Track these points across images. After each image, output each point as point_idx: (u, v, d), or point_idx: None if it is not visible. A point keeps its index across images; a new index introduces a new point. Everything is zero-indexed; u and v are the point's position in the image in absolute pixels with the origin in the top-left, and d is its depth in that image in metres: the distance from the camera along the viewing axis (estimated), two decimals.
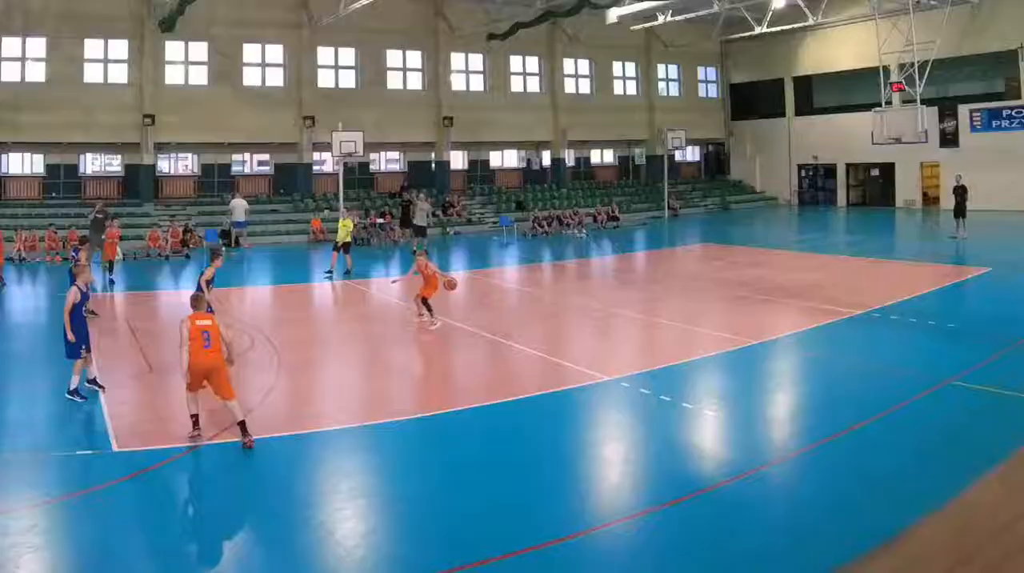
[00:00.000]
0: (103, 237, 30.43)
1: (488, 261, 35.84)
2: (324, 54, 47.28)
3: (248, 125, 44.73)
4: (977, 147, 47.46)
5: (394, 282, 27.03)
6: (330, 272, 29.97)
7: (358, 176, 49.22)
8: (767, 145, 60.31)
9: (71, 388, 14.29)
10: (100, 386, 14.92)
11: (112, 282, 29.04)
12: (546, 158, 54.85)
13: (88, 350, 14.72)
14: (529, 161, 55.53)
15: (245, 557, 9.12)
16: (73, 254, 22.70)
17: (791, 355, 18.19)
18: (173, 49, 44.12)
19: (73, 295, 14.52)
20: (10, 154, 43.20)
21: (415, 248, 33.57)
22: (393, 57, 49.29)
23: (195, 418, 12.43)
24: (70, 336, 14.23)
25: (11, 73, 41.10)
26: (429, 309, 20.73)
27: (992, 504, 10.11)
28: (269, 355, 17.23)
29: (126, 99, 42.58)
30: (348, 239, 30.55)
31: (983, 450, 11.55)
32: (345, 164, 42.74)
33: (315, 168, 47.87)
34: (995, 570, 8.57)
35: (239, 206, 40.88)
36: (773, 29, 49.58)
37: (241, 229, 40.83)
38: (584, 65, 55.70)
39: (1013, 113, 47.06)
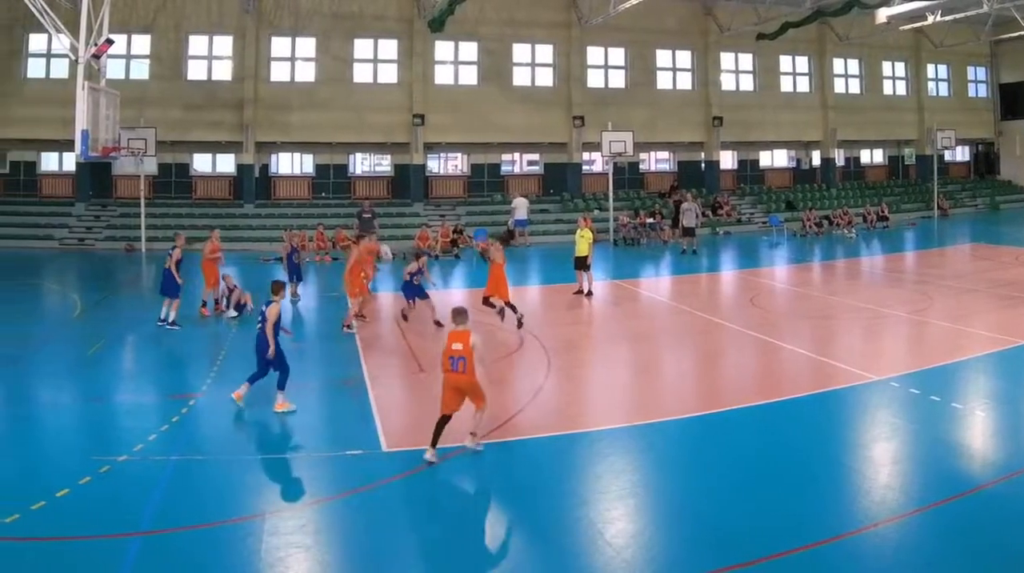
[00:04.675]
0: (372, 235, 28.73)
1: (757, 261, 33.68)
2: (593, 54, 44.62)
3: (517, 125, 42.38)
4: None
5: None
6: (588, 293, 24.33)
7: (627, 176, 46.38)
8: None
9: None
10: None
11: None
12: (816, 158, 51.11)
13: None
14: (799, 161, 51.89)
15: (515, 556, 8.78)
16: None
17: None
18: (442, 49, 42.20)
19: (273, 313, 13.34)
20: (279, 154, 42.19)
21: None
22: (663, 57, 46.16)
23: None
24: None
25: (281, 73, 40.20)
26: (513, 308, 19.54)
27: None
28: (539, 356, 16.39)
29: (396, 99, 40.90)
30: (586, 253, 24.11)
31: None
32: (614, 164, 40.23)
33: (584, 168, 45.34)
34: None
35: (522, 204, 38.95)
36: None
37: (523, 227, 38.76)
38: (853, 65, 50.98)
39: None
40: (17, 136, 37.96)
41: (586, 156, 44.74)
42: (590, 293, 23.70)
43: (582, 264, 23.87)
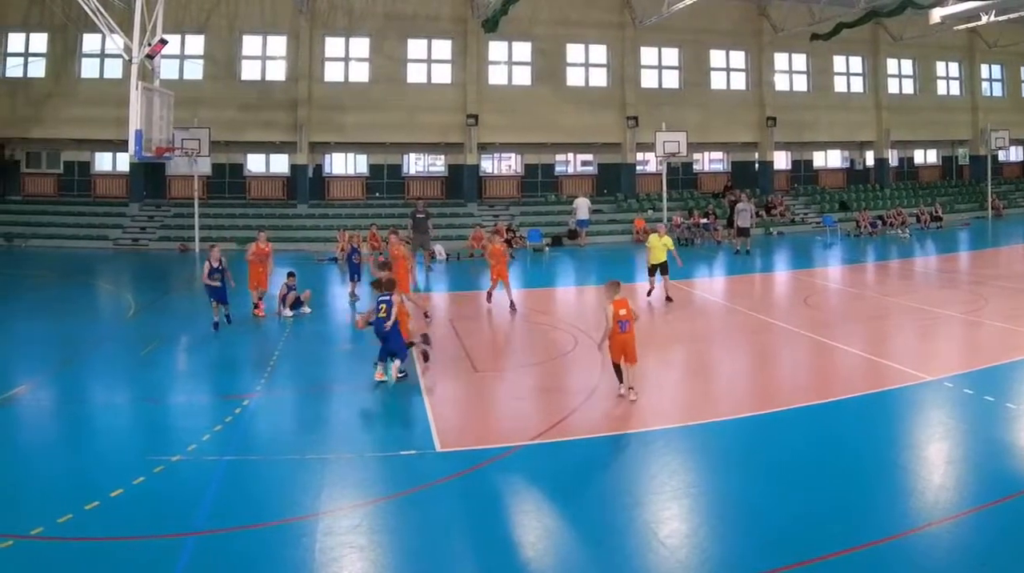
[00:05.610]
0: (426, 236, 29.70)
1: (811, 261, 32.52)
2: (647, 54, 43.07)
3: (571, 125, 40.95)
4: None
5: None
6: (668, 298, 22.23)
7: (681, 176, 44.86)
8: None
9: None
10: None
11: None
12: (869, 158, 49.24)
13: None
14: (852, 161, 50.01)
15: (568, 556, 8.32)
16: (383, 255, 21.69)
17: None
18: (496, 49, 40.95)
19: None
20: (333, 154, 41.22)
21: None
22: (716, 57, 44.43)
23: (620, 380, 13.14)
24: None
25: (334, 73, 39.29)
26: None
27: None
28: (593, 355, 15.13)
29: (450, 99, 39.74)
30: (663, 260, 22.11)
31: None
32: (668, 164, 38.84)
33: (638, 168, 43.79)
34: None
35: (583, 204, 37.82)
36: None
37: (584, 227, 37.50)
38: (907, 65, 48.92)
39: None
40: (71, 136, 37.38)
41: (640, 156, 43.28)
42: (669, 298, 22.09)
43: (659, 269, 22.19)
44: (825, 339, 17.75)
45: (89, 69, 37.62)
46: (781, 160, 47.29)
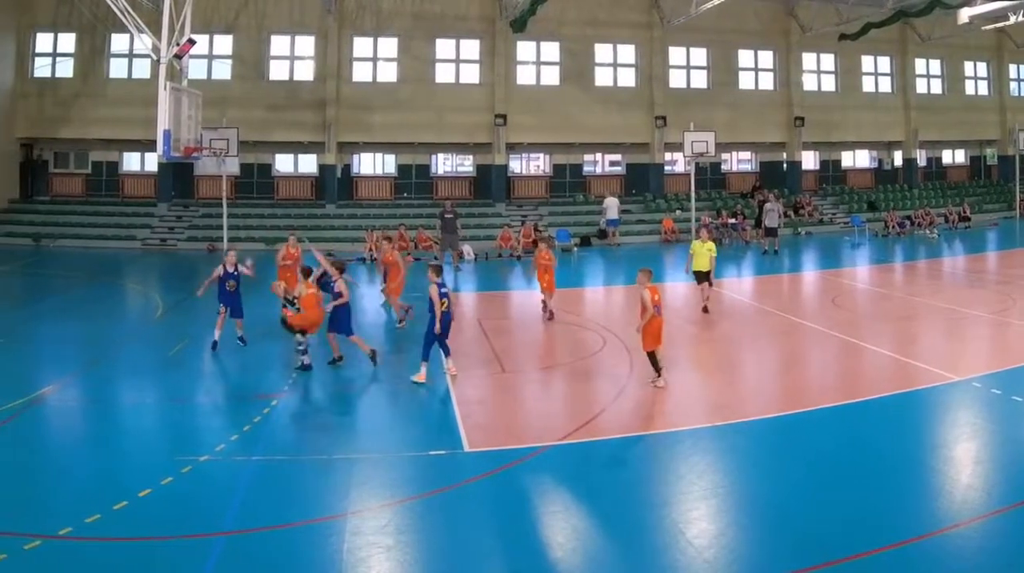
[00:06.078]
0: (454, 236, 29.42)
1: (839, 261, 32.16)
2: (675, 54, 42.13)
3: (599, 125, 40.17)
4: None
5: None
6: (704, 308, 20.80)
7: (709, 176, 43.80)
8: None
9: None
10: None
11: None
12: (897, 158, 48.13)
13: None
14: (880, 161, 48.82)
15: (596, 556, 8.24)
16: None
17: None
18: (524, 49, 40.11)
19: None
20: (361, 154, 40.51)
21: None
22: (745, 57, 43.38)
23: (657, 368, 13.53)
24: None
25: (363, 73, 38.65)
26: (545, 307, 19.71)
27: None
28: (622, 356, 15.68)
29: (478, 99, 39.04)
30: (708, 267, 20.61)
31: None
32: (696, 164, 37.89)
33: (666, 168, 42.82)
34: None
35: (613, 204, 37.05)
36: None
37: (614, 227, 36.79)
38: (935, 65, 47.73)
39: None
40: (99, 136, 36.93)
41: (668, 156, 42.39)
42: (706, 309, 20.70)
43: (704, 277, 20.80)
44: (853, 339, 17.58)
45: (117, 69, 37.16)
46: (809, 160, 46.29)
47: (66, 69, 36.92)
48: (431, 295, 14.05)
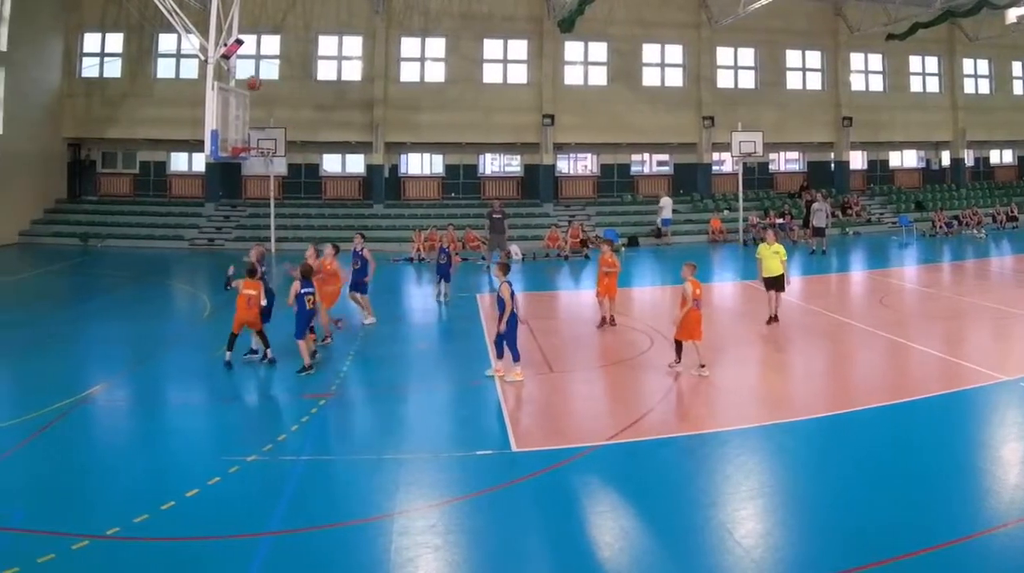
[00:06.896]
0: (502, 236, 28.86)
1: (887, 261, 31.19)
2: (723, 54, 40.70)
3: (647, 125, 38.87)
4: None
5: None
6: (772, 318, 18.66)
7: (757, 176, 42.40)
8: None
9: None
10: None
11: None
12: (945, 158, 46.36)
13: None
14: (928, 161, 47.19)
15: (643, 556, 8.04)
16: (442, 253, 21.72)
17: None
18: (572, 49, 38.84)
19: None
20: (409, 154, 39.39)
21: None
22: (792, 57, 41.81)
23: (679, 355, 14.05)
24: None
25: (410, 73, 37.59)
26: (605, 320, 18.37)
27: None
28: (669, 356, 14.85)
29: (525, 99, 37.86)
30: (780, 272, 18.48)
31: None
32: (744, 164, 36.74)
33: (714, 168, 41.49)
34: None
35: (668, 204, 35.96)
36: None
37: (668, 226, 35.78)
38: (983, 65, 45.95)
39: None
40: (147, 136, 36.14)
41: (716, 156, 41.01)
42: (775, 318, 18.63)
43: (774, 284, 18.59)
44: (901, 339, 17.14)
45: (165, 69, 36.35)
46: (857, 160, 44.83)
47: (114, 69, 36.10)
48: (502, 294, 13.62)
